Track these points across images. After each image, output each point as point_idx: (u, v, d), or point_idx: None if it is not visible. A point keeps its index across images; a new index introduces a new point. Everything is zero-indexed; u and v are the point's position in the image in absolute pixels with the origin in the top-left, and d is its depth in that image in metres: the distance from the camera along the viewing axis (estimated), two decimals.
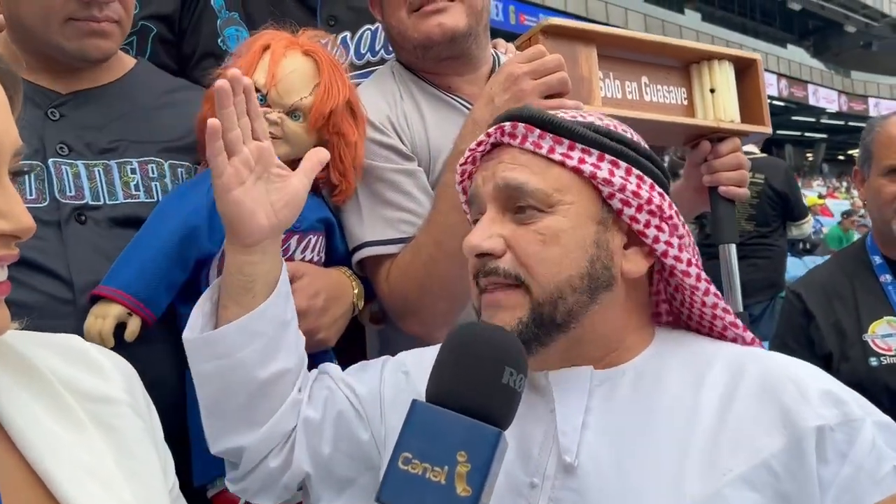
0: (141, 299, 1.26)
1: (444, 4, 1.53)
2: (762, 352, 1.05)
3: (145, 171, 1.41)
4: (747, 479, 0.91)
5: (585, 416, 0.99)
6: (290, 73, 1.37)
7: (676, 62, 1.67)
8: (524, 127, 1.04)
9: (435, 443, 0.80)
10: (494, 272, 1.00)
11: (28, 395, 0.80)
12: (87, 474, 0.79)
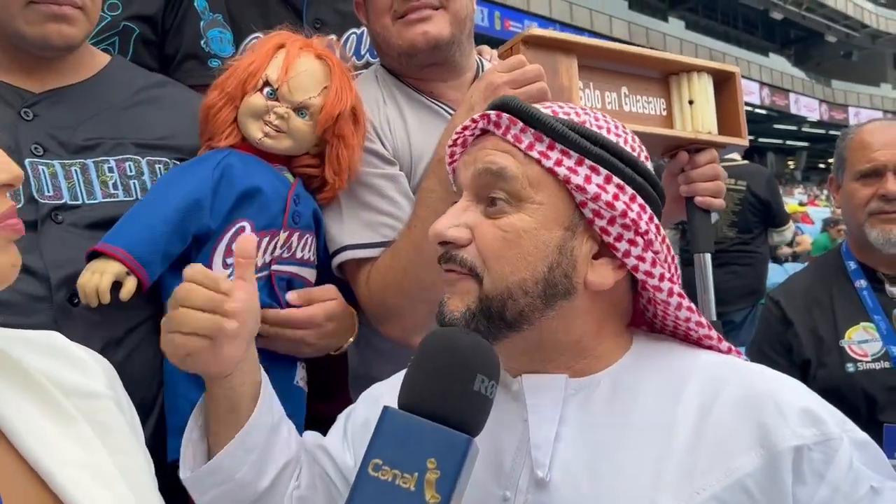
0: (141, 261, 1.26)
1: (429, 13, 1.54)
2: (741, 363, 1.03)
3: (123, 169, 1.40)
4: (721, 499, 0.89)
5: (559, 427, 0.97)
6: (302, 71, 1.41)
7: (656, 73, 1.68)
8: (508, 118, 1.01)
9: (405, 449, 0.80)
10: (453, 260, 0.99)
11: (17, 392, 0.80)
12: (84, 470, 0.79)
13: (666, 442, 0.93)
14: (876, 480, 0.90)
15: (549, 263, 0.97)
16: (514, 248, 0.97)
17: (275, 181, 1.41)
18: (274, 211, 1.38)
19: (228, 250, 1.34)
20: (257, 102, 1.40)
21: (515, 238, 0.97)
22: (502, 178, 0.99)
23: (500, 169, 0.99)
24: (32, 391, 0.81)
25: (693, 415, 0.94)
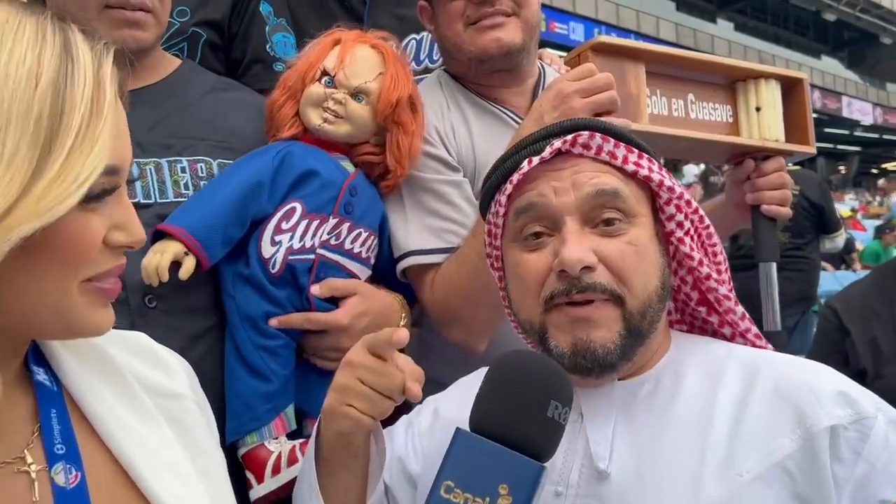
0: (200, 241, 1.28)
1: (502, 20, 1.53)
2: (774, 354, 1.06)
3: (195, 169, 1.42)
4: (764, 480, 0.91)
5: (616, 428, 0.99)
6: (357, 59, 1.44)
7: (723, 80, 1.64)
8: (601, 137, 1.03)
9: (477, 473, 0.79)
10: (592, 288, 0.97)
11: (108, 390, 0.82)
12: (166, 468, 0.81)
13: (707, 431, 0.95)
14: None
15: (662, 269, 1.03)
16: (644, 261, 1.00)
17: (332, 168, 1.42)
18: (327, 196, 1.39)
19: (278, 228, 1.36)
20: (316, 91, 1.42)
21: (643, 250, 1.01)
22: (618, 198, 1.00)
23: (615, 189, 1.01)
24: (121, 388, 0.83)
25: (731, 404, 0.97)
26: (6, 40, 0.65)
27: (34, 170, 0.63)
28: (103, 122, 0.68)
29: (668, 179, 1.05)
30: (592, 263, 0.97)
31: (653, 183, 1.04)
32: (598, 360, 0.97)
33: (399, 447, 1.13)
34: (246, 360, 1.35)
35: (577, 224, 1.00)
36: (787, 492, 0.90)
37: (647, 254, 1.01)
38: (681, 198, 1.04)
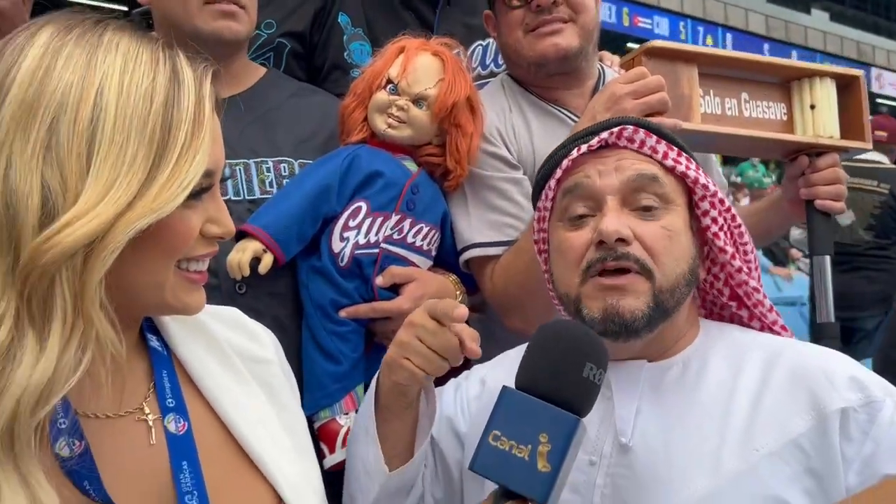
0: (276, 239, 1.44)
1: (559, 26, 1.63)
2: (794, 342, 1.15)
3: (278, 169, 1.58)
4: (779, 456, 1.00)
5: (639, 403, 1.10)
6: (418, 67, 1.56)
7: (777, 79, 1.70)
8: (644, 132, 1.15)
9: (521, 424, 0.90)
10: (626, 257, 1.08)
11: (208, 355, 0.97)
12: (257, 422, 0.95)
13: (728, 411, 1.05)
14: None
15: (692, 256, 1.13)
16: (676, 245, 1.11)
17: (396, 169, 1.55)
18: (390, 195, 1.53)
19: (345, 226, 1.50)
20: (381, 98, 1.55)
21: (676, 235, 1.11)
22: (656, 183, 1.12)
23: (654, 175, 1.13)
24: (219, 354, 0.98)
25: (752, 387, 1.06)
26: (128, 67, 0.80)
27: (148, 175, 0.78)
28: (203, 134, 0.82)
29: (703, 178, 1.15)
30: (627, 237, 1.08)
31: (689, 179, 1.14)
32: (626, 325, 1.07)
33: (448, 407, 1.26)
34: (319, 344, 1.49)
35: (617, 203, 1.11)
36: (800, 466, 0.99)
37: (679, 239, 1.11)
38: (714, 195, 1.14)
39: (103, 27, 0.83)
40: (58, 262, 0.73)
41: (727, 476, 1.01)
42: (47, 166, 0.75)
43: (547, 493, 0.88)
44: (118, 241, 0.75)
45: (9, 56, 0.79)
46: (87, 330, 0.75)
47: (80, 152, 0.76)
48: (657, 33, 19.65)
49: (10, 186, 0.74)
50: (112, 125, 0.77)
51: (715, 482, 1.01)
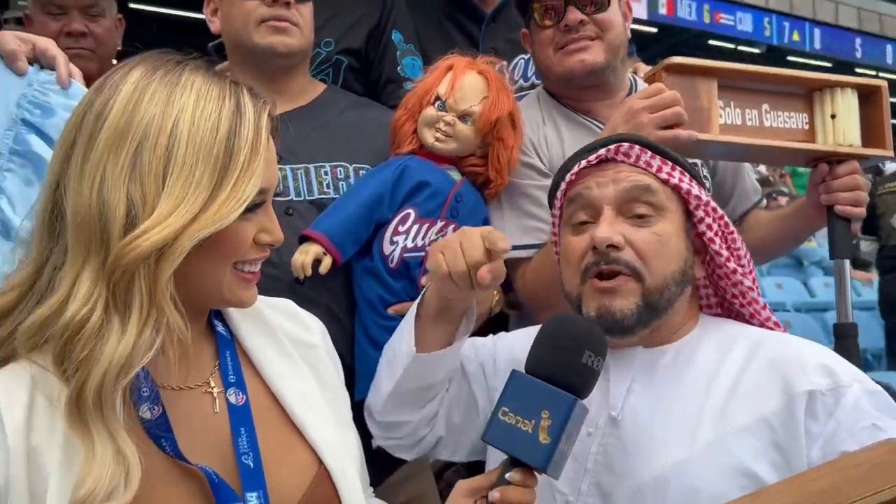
0: (335, 243, 1.62)
1: (586, 44, 1.76)
2: (780, 335, 1.27)
3: (335, 173, 1.76)
4: (749, 431, 1.13)
5: (631, 384, 1.24)
6: (465, 86, 1.71)
7: (801, 90, 1.78)
8: (639, 148, 1.29)
9: (526, 402, 1.06)
10: (616, 261, 1.23)
11: (264, 340, 1.15)
12: (304, 398, 1.12)
13: (709, 392, 1.19)
14: (881, 420, 1.08)
15: (684, 258, 1.26)
16: (666, 248, 1.24)
17: (442, 179, 1.71)
18: (436, 203, 1.69)
19: (395, 231, 1.67)
20: (430, 114, 1.71)
21: (667, 240, 1.25)
22: (650, 192, 1.26)
23: (647, 185, 1.27)
24: (273, 339, 1.16)
25: (733, 372, 1.19)
26: (199, 103, 0.98)
27: (211, 193, 0.95)
28: (259, 159, 0.99)
29: (696, 189, 1.28)
30: (619, 243, 1.22)
31: (682, 191, 1.27)
32: (617, 324, 1.22)
33: (484, 354, 1.42)
34: (370, 336, 1.66)
35: (612, 212, 1.25)
36: (768, 441, 1.12)
37: (669, 244, 1.24)
38: (707, 205, 1.28)
39: (182, 68, 1.01)
40: (136, 262, 0.92)
41: (699, 447, 1.15)
42: (132, 183, 0.94)
43: (547, 462, 1.03)
44: (184, 247, 0.93)
45: (108, 90, 0.98)
46: (159, 317, 0.94)
47: (158, 173, 0.94)
48: (740, 30, 19.14)
49: (103, 197, 0.93)
50: (184, 151, 0.95)
51: (689, 452, 1.15)
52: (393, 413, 1.40)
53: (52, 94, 1.41)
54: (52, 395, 0.94)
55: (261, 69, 1.76)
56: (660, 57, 1.78)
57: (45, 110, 1.38)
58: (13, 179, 1.32)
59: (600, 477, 1.22)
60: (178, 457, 0.97)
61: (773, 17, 20.20)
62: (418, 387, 1.36)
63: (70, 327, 0.91)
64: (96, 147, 0.95)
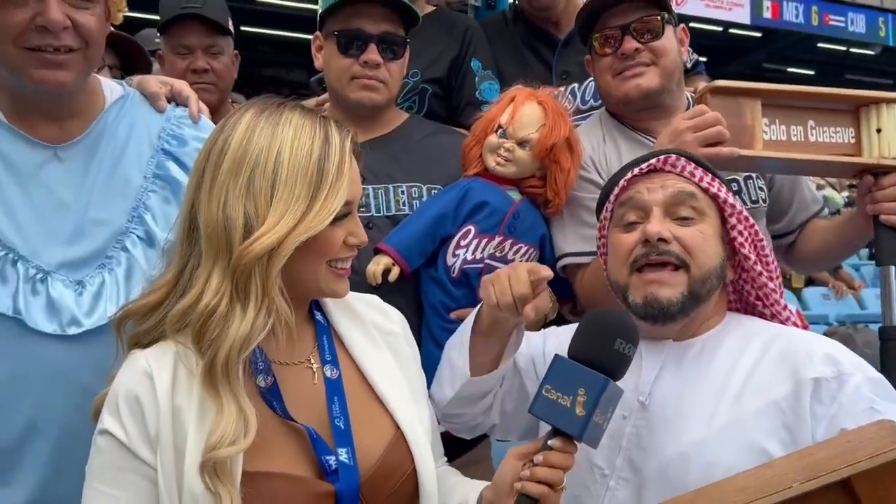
0: (402, 255, 1.88)
1: (642, 70, 1.96)
2: (796, 330, 1.43)
3: (410, 193, 2.03)
4: (762, 413, 1.30)
5: (660, 372, 1.43)
6: (524, 115, 1.94)
7: (848, 106, 1.91)
8: (684, 161, 1.50)
9: (565, 381, 1.26)
10: (666, 253, 1.42)
11: (354, 327, 1.41)
12: (387, 376, 1.37)
13: (728, 380, 1.36)
14: (878, 403, 1.24)
15: (721, 257, 1.46)
16: (708, 245, 1.44)
17: (501, 199, 1.94)
18: (495, 220, 1.92)
19: (457, 244, 1.91)
20: (492, 141, 1.94)
21: (708, 238, 1.45)
22: (693, 199, 1.46)
23: (691, 192, 1.47)
24: (362, 326, 1.42)
25: (749, 363, 1.36)
26: (296, 136, 1.24)
27: (307, 206, 1.21)
28: (344, 178, 1.25)
29: (731, 198, 1.47)
30: (667, 237, 1.41)
31: (719, 199, 1.46)
32: (663, 311, 1.41)
33: (535, 349, 1.61)
34: (434, 337, 1.90)
35: (660, 213, 1.45)
36: (778, 422, 1.29)
37: (709, 242, 1.43)
38: (740, 213, 1.46)
39: (282, 108, 1.29)
40: (253, 262, 1.19)
41: (717, 427, 1.33)
42: (247, 201, 1.21)
43: (582, 431, 1.24)
44: (288, 249, 1.20)
45: (227, 129, 1.27)
46: (270, 304, 1.21)
47: (267, 192, 1.21)
48: (852, 31, 18.38)
49: (227, 213, 1.21)
50: (286, 174, 1.22)
51: (707, 432, 1.33)
52: (453, 408, 1.62)
53: (186, 127, 1.72)
54: (190, 367, 1.22)
55: (350, 112, 2.04)
56: (765, 62, 1.90)
57: (180, 141, 1.69)
58: (155, 198, 1.63)
59: (632, 454, 1.41)
60: (286, 417, 1.24)
61: (889, 17, 19.25)
62: (474, 393, 1.58)
63: (204, 314, 1.20)
64: (220, 174, 1.23)
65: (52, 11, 1.42)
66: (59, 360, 1.47)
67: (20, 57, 1.45)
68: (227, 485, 1.14)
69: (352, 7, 1.97)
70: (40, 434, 1.48)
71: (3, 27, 1.42)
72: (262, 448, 1.19)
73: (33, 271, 1.48)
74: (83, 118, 1.60)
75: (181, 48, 2.65)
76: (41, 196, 1.52)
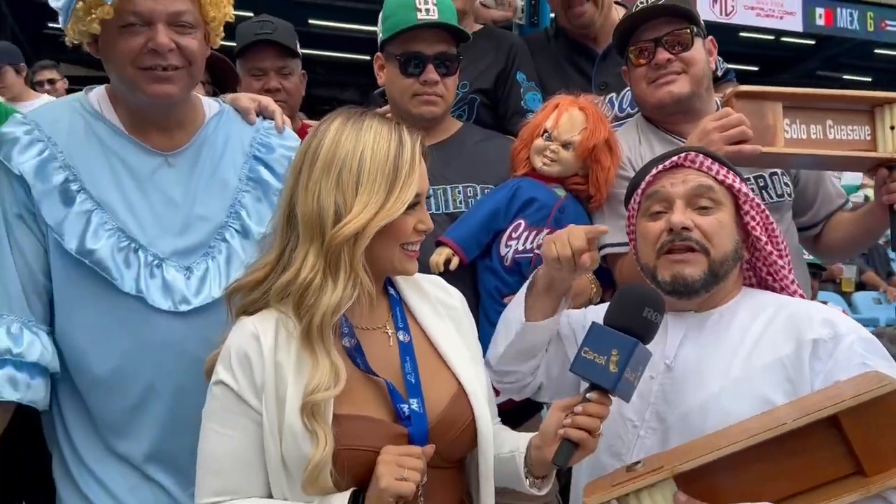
0: (461, 247, 2.13)
1: (673, 77, 2.18)
2: (800, 300, 1.65)
3: (466, 192, 2.28)
4: (768, 369, 1.51)
5: (683, 339, 1.65)
6: (567, 120, 2.18)
7: (865, 106, 2.10)
8: (703, 157, 1.71)
9: (601, 343, 1.48)
10: (688, 239, 1.64)
11: (421, 300, 1.65)
12: (449, 343, 1.61)
13: (741, 343, 1.58)
14: (869, 359, 1.44)
15: (736, 240, 1.67)
16: (725, 231, 1.65)
17: (547, 195, 2.18)
18: (542, 215, 2.16)
19: (509, 237, 2.16)
20: (539, 143, 2.19)
21: (725, 225, 1.66)
22: (711, 191, 1.67)
23: (709, 185, 1.68)
24: (427, 300, 1.67)
25: (759, 328, 1.58)
26: (375, 139, 1.49)
27: (385, 198, 1.46)
28: (415, 174, 1.49)
29: (745, 188, 1.68)
30: (689, 226, 1.63)
31: (734, 189, 1.67)
32: (688, 286, 1.62)
33: (576, 322, 1.84)
34: (490, 319, 2.11)
35: (682, 204, 1.67)
36: (782, 376, 1.50)
37: (726, 229, 1.64)
38: (753, 201, 1.68)
39: (363, 116, 1.54)
40: (341, 244, 1.44)
41: (730, 382, 1.54)
42: (337, 194, 1.47)
43: (615, 385, 1.46)
44: (370, 233, 1.45)
45: (318, 135, 1.53)
46: (355, 279, 1.46)
47: (352, 186, 1.47)
48: None
49: (320, 204, 1.47)
50: (367, 171, 1.47)
51: (722, 385, 1.55)
52: (505, 364, 1.85)
53: (272, 136, 2.00)
54: (289, 330, 1.48)
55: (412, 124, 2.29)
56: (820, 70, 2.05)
57: (268, 148, 1.97)
58: (249, 198, 1.90)
59: (658, 407, 1.63)
60: (368, 371, 1.49)
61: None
62: (525, 347, 1.81)
63: (302, 286, 1.46)
64: (314, 172, 1.49)
65: (160, 37, 1.71)
66: (172, 332, 1.75)
67: (136, 75, 1.74)
68: (321, 424, 1.40)
69: (411, 33, 2.24)
70: (157, 396, 1.76)
71: (123, 52, 1.72)
72: (348, 396, 1.44)
73: (151, 258, 1.77)
74: (187, 130, 1.89)
75: (256, 70, 2.94)
76: (155, 196, 1.81)
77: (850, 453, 1.38)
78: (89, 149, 1.79)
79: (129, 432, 1.78)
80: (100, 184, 1.77)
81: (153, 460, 1.78)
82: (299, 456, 1.40)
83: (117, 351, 1.74)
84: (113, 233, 1.75)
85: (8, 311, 1.71)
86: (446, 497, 1.55)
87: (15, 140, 1.74)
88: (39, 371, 1.73)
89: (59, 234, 1.72)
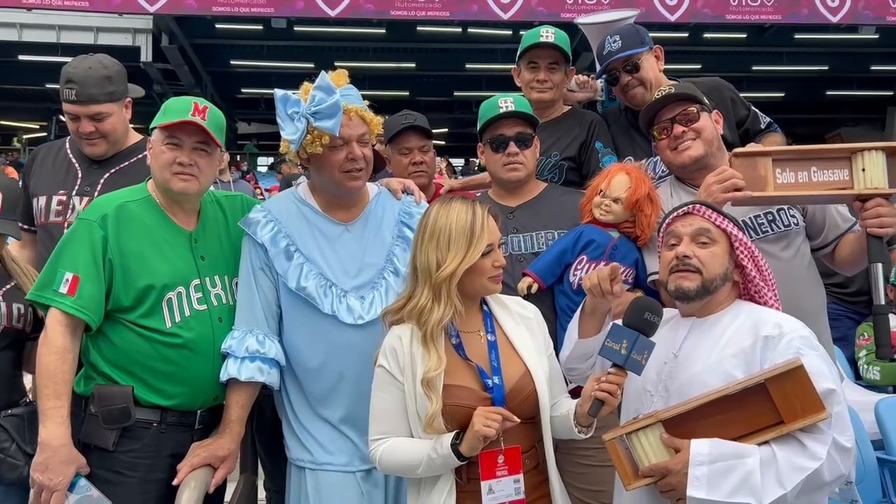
0: (540, 276, 2.70)
1: (689, 143, 2.65)
2: (769, 310, 2.11)
3: (546, 237, 2.85)
4: (735, 356, 2.00)
5: (686, 335, 2.15)
6: (615, 182, 2.71)
7: (843, 154, 2.47)
8: (705, 208, 2.22)
9: (617, 337, 2.04)
10: (689, 263, 2.15)
11: (505, 314, 2.21)
12: (523, 343, 2.22)
13: (721, 337, 2.07)
14: (802, 350, 1.91)
15: (726, 267, 2.17)
16: (716, 260, 2.17)
17: (604, 237, 2.72)
18: (600, 251, 2.69)
19: (575, 268, 2.70)
20: (597, 199, 2.73)
21: (717, 256, 2.17)
22: (709, 232, 2.19)
23: (707, 228, 2.20)
24: (508, 312, 2.27)
25: (734, 328, 2.07)
26: (459, 213, 2.12)
27: (466, 251, 2.12)
28: (485, 233, 2.13)
29: (735, 231, 2.17)
30: (690, 255, 2.14)
31: (727, 232, 2.16)
32: (685, 294, 2.13)
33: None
34: (564, 329, 2.54)
35: (688, 240, 2.18)
36: (742, 360, 1.99)
37: (717, 258, 2.13)
38: (742, 240, 2.16)
39: (451, 201, 2.20)
40: (442, 282, 2.11)
41: (710, 364, 2.04)
42: (438, 252, 2.14)
43: (625, 362, 2.01)
44: (458, 274, 2.11)
45: (428, 214, 2.21)
46: (451, 303, 2.11)
47: (446, 245, 2.14)
48: None
49: (428, 259, 2.15)
50: (456, 236, 2.13)
51: (704, 366, 2.05)
52: (570, 364, 2.41)
53: (413, 207, 2.70)
54: (417, 335, 2.15)
55: (505, 187, 2.93)
56: None
57: (410, 215, 2.67)
58: (398, 249, 2.60)
59: (667, 382, 2.15)
60: (466, 359, 2.15)
61: None
62: (579, 355, 2.36)
63: (421, 309, 2.13)
64: (424, 240, 2.18)
65: (356, 151, 2.48)
66: (353, 338, 2.48)
67: (340, 177, 2.51)
68: (435, 390, 2.05)
69: (497, 121, 2.86)
70: (345, 379, 2.50)
71: (332, 162, 2.48)
72: (453, 373, 2.10)
73: (339, 291, 2.52)
74: (359, 206, 2.65)
75: (404, 149, 3.58)
76: (341, 251, 2.57)
77: (774, 409, 1.85)
78: (300, 224, 2.59)
79: (329, 403, 2.53)
80: (307, 246, 2.55)
81: (345, 422, 2.51)
82: (424, 410, 2.05)
83: (320, 350, 2.50)
84: (316, 276, 2.52)
85: (256, 326, 2.53)
86: (522, 441, 2.14)
87: (257, 222, 2.56)
88: (275, 364, 2.53)
89: (285, 279, 2.52)
